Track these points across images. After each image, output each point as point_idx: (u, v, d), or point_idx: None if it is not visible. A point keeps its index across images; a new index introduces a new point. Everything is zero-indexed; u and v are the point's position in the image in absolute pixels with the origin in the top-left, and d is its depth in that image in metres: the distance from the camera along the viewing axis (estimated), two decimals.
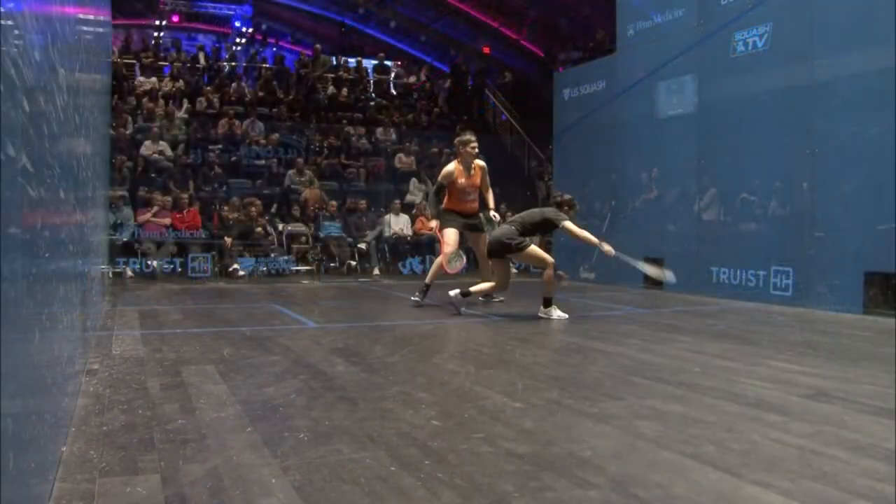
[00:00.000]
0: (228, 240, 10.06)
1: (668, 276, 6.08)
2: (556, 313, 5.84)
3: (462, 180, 6.59)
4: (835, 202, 6.61)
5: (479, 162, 6.69)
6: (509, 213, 12.02)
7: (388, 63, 16.45)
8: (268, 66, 15.66)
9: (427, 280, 6.78)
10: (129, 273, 9.59)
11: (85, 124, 3.51)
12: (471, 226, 6.78)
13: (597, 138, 10.00)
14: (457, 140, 6.77)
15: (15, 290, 1.37)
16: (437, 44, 20.46)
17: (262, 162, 12.21)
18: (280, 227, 10.84)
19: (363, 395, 3.14)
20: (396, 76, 16.21)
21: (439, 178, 6.72)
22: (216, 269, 10.04)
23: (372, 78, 15.81)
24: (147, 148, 11.68)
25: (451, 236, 6.64)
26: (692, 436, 2.52)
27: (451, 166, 6.64)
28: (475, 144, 6.61)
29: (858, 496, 1.96)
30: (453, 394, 3.17)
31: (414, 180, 12.54)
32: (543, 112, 13.64)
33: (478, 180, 6.69)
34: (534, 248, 5.82)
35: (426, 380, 3.45)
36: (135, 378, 3.42)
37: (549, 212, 5.88)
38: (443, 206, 6.78)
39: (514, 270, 11.51)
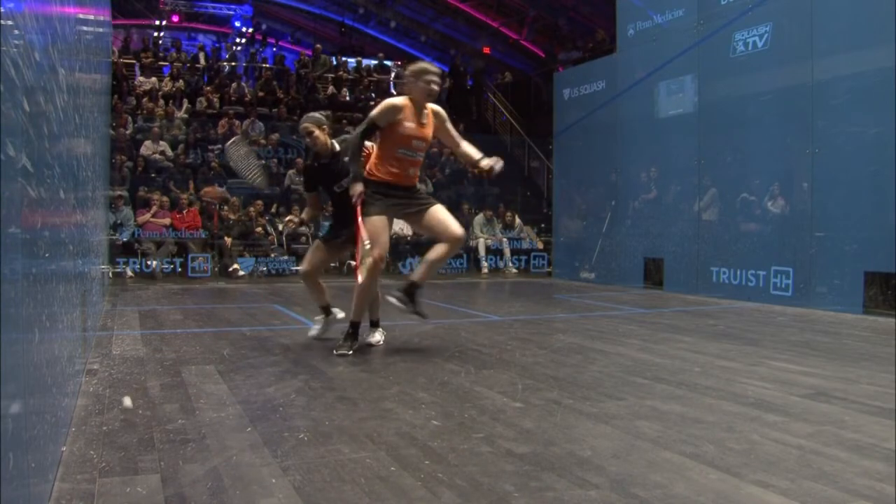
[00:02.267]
0: (228, 240, 10.08)
1: None
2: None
3: (410, 125, 4.09)
4: (835, 202, 6.62)
5: (435, 107, 4.27)
6: (508, 214, 12.09)
7: (388, 63, 16.45)
8: (268, 66, 15.65)
9: (355, 315, 4.40)
10: (129, 273, 9.59)
11: (85, 124, 3.51)
12: (411, 204, 4.26)
13: (597, 138, 10.00)
14: (410, 70, 4.20)
15: (15, 290, 1.37)
16: (437, 44, 20.46)
17: (263, 162, 12.20)
18: (280, 227, 10.84)
19: (363, 395, 3.14)
20: (396, 76, 16.20)
21: (374, 114, 4.09)
22: (216, 269, 10.05)
23: (372, 78, 15.81)
24: (147, 148, 11.70)
25: (377, 229, 4.09)
26: (692, 436, 2.52)
27: (400, 100, 4.12)
28: (437, 80, 4.12)
29: (858, 496, 1.96)
30: (453, 394, 3.17)
31: None
32: (543, 112, 13.66)
33: (430, 133, 4.23)
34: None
35: (426, 380, 3.45)
36: (135, 378, 3.42)
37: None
38: (366, 169, 4.17)
39: (514, 270, 11.60)
